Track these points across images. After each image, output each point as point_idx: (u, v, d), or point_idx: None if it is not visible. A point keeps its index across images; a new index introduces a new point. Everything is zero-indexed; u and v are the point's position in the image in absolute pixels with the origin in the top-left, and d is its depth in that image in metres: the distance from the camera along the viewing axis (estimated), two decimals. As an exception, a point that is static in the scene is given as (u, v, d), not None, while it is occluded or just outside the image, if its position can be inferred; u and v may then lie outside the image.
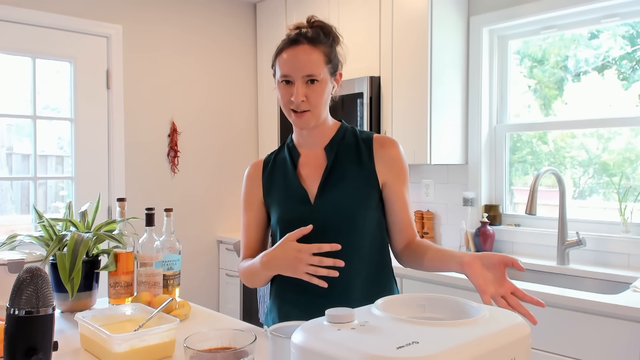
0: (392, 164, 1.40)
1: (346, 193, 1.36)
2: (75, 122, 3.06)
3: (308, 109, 1.33)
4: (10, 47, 2.83)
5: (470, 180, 2.89)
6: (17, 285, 0.98)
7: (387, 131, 2.86)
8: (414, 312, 0.87)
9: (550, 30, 2.68)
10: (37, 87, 2.94)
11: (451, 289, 2.23)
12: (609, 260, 2.39)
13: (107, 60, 3.18)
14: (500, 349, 0.73)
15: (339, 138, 1.43)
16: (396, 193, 1.40)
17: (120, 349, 1.15)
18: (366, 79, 2.83)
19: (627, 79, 2.47)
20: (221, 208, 3.75)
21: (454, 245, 2.93)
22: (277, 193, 1.44)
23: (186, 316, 1.54)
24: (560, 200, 2.43)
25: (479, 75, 2.85)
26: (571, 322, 1.88)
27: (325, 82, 1.34)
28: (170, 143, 3.45)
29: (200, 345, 0.97)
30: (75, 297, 1.57)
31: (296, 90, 1.31)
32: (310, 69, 1.30)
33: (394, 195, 1.40)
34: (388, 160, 1.39)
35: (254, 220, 1.49)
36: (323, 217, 1.36)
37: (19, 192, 2.99)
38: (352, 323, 0.77)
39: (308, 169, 1.42)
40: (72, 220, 1.67)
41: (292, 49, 1.32)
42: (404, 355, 0.65)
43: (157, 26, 3.39)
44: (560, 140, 2.71)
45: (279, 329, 0.99)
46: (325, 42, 1.35)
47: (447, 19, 2.78)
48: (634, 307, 1.72)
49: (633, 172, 2.44)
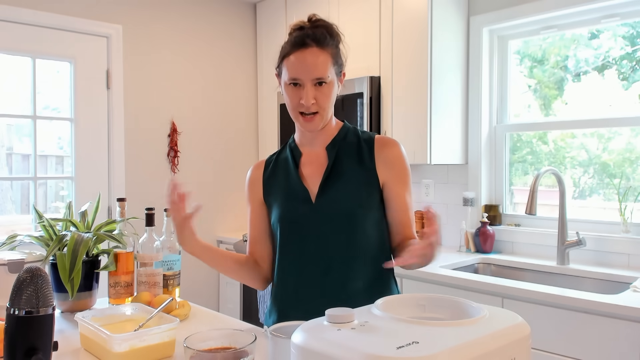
0: (392, 164, 1.40)
1: (347, 192, 1.36)
2: (75, 122, 3.06)
3: (317, 111, 1.34)
4: (10, 47, 2.83)
5: (470, 180, 2.89)
6: (17, 285, 0.98)
7: (387, 131, 2.86)
8: (414, 312, 0.87)
9: (550, 30, 2.68)
10: (37, 87, 2.94)
11: (451, 289, 2.23)
12: (609, 260, 2.39)
13: (107, 60, 3.18)
14: (500, 349, 0.73)
15: (340, 138, 1.43)
16: (394, 194, 1.40)
17: (120, 349, 1.15)
18: (366, 79, 2.83)
19: (627, 79, 2.47)
20: (221, 208, 3.75)
21: (454, 245, 2.94)
22: (278, 192, 1.44)
23: (186, 316, 1.54)
24: (560, 200, 2.43)
25: (479, 75, 2.85)
26: (571, 322, 1.88)
27: (332, 84, 1.35)
28: (170, 143, 3.45)
29: (200, 345, 0.97)
30: (75, 297, 1.57)
31: (306, 93, 1.31)
32: (319, 72, 1.31)
33: (392, 195, 1.40)
34: (389, 161, 1.39)
35: (257, 218, 1.50)
36: (324, 216, 1.36)
37: (19, 192, 2.99)
38: (352, 323, 0.77)
39: (310, 168, 1.43)
40: (72, 220, 1.67)
41: (300, 52, 1.32)
42: (404, 355, 0.65)
43: (157, 26, 3.39)
44: (560, 140, 2.71)
45: (279, 329, 0.99)
46: (331, 43, 1.35)
47: (447, 19, 2.77)
48: (634, 307, 1.72)
49: (633, 172, 2.44)
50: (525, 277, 2.45)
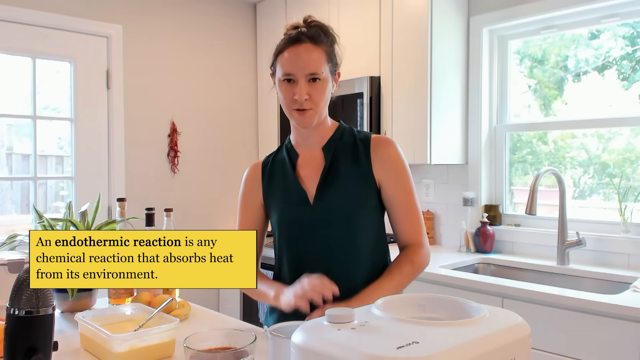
0: (387, 163, 1.38)
1: (344, 193, 1.36)
2: (75, 122, 3.06)
3: (311, 107, 1.33)
4: (10, 47, 2.83)
5: (470, 180, 2.89)
6: (17, 285, 0.98)
7: (387, 131, 2.86)
8: (414, 312, 0.87)
9: (551, 30, 2.68)
10: (37, 87, 2.93)
11: (451, 289, 2.23)
12: (609, 260, 2.39)
13: (107, 60, 3.18)
14: (500, 349, 0.73)
15: (336, 138, 1.43)
16: (392, 193, 1.39)
17: (120, 349, 1.15)
18: (366, 79, 2.83)
19: (628, 79, 2.47)
20: (221, 208, 3.75)
21: (454, 245, 2.93)
22: (276, 194, 1.43)
23: (186, 316, 1.54)
24: (560, 200, 2.43)
25: (479, 75, 2.85)
26: (571, 322, 1.88)
27: (326, 81, 1.34)
28: (170, 143, 3.45)
29: (200, 345, 0.97)
30: (75, 297, 1.57)
31: (299, 88, 1.30)
32: (313, 67, 1.30)
33: (389, 194, 1.39)
34: (384, 160, 1.38)
35: (251, 222, 1.49)
36: (322, 217, 1.35)
37: (19, 192, 2.99)
38: (352, 323, 0.77)
39: (307, 169, 1.42)
40: (72, 220, 1.67)
41: (294, 47, 1.32)
42: (404, 355, 0.65)
43: (157, 26, 3.39)
44: (560, 140, 2.71)
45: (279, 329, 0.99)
46: (325, 41, 1.35)
47: (447, 19, 2.77)
48: (634, 307, 1.72)
49: (633, 172, 2.44)
50: (525, 277, 2.45)
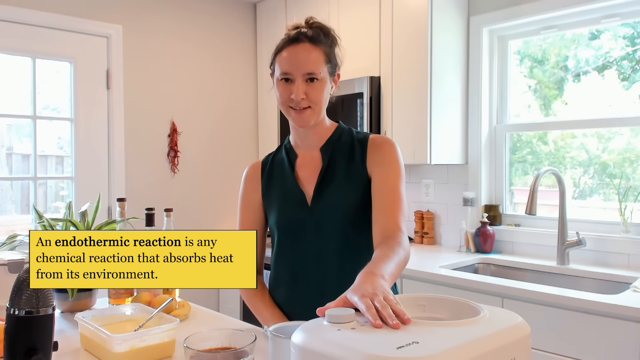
0: (378, 158, 1.36)
1: (341, 194, 1.36)
2: (75, 122, 3.06)
3: (308, 106, 1.33)
4: (10, 47, 2.83)
5: (470, 180, 2.89)
6: (17, 285, 0.98)
7: (387, 131, 2.86)
8: (414, 312, 0.87)
9: (551, 30, 2.68)
10: (37, 87, 2.93)
11: (451, 289, 2.23)
12: (609, 260, 2.39)
13: (107, 60, 3.18)
14: (500, 349, 0.73)
15: (335, 139, 1.42)
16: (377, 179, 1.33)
17: (120, 349, 1.14)
18: (366, 79, 2.83)
19: (628, 79, 2.47)
20: (221, 208, 3.75)
21: (454, 245, 2.93)
22: (275, 195, 1.43)
23: (186, 316, 1.54)
24: (560, 200, 2.43)
25: (479, 75, 2.85)
26: (571, 322, 1.88)
27: (324, 81, 1.34)
28: (170, 143, 3.45)
29: (200, 345, 0.97)
30: (75, 297, 1.57)
31: (296, 87, 1.30)
32: (310, 67, 1.30)
33: (373, 187, 1.34)
34: (379, 158, 1.37)
35: (251, 221, 1.49)
36: (320, 218, 1.35)
37: (19, 192, 2.99)
38: (352, 323, 0.77)
39: (305, 170, 1.42)
40: (72, 220, 1.67)
41: (292, 47, 1.32)
42: (404, 355, 0.65)
43: (157, 26, 3.39)
44: (560, 140, 2.71)
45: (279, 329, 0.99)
46: (325, 42, 1.35)
47: (447, 19, 2.77)
48: (634, 307, 1.72)
49: (633, 172, 2.44)
50: (525, 277, 2.45)
